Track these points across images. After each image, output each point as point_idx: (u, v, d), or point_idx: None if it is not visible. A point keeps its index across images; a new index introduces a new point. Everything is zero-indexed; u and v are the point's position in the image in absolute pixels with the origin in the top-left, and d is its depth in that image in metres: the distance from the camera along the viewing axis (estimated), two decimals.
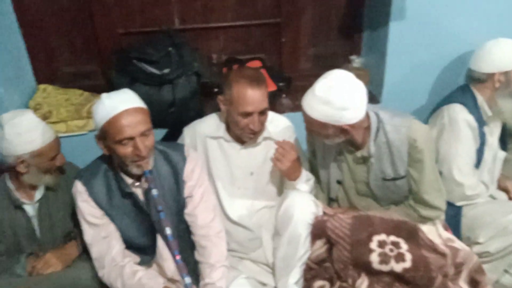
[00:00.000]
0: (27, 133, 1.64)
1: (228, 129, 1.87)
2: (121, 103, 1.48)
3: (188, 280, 1.31)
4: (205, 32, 2.43)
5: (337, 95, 1.53)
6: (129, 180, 1.60)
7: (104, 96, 1.51)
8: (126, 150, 1.48)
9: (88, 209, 1.60)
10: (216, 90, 2.44)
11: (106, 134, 1.47)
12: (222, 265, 1.63)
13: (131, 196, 1.62)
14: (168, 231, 1.42)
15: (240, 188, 1.90)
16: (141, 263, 1.66)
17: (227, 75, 1.92)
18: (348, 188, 1.82)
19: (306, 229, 1.65)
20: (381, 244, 1.54)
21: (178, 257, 1.36)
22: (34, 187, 1.77)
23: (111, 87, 2.33)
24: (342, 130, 1.59)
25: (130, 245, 1.67)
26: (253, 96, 1.67)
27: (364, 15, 2.50)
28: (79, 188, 1.60)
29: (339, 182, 1.83)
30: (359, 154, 1.74)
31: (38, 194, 1.77)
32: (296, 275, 1.68)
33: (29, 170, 1.70)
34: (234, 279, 1.75)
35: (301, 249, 1.66)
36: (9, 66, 2.14)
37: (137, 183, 1.61)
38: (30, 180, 1.73)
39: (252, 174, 1.90)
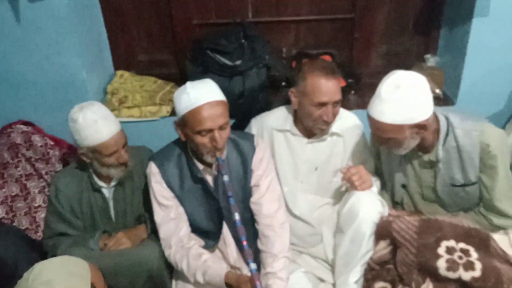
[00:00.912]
0: (84, 129, 1.70)
1: (296, 122, 1.88)
2: (204, 95, 1.52)
3: (253, 266, 1.33)
4: (277, 25, 2.44)
5: (405, 93, 1.49)
6: (200, 166, 1.66)
7: (189, 85, 1.55)
8: (203, 140, 1.53)
9: (160, 190, 1.67)
10: (283, 83, 2.46)
11: (186, 122, 1.53)
12: (284, 256, 1.65)
13: (201, 181, 1.67)
14: (236, 216, 1.45)
15: (303, 182, 1.90)
16: (205, 247, 1.71)
17: (300, 67, 1.93)
18: (413, 193, 1.77)
19: (370, 228, 1.63)
20: (450, 251, 1.48)
21: (245, 243, 1.39)
22: None
23: (184, 76, 2.42)
24: (419, 127, 1.54)
25: (195, 229, 1.73)
26: (328, 86, 1.67)
27: (443, 12, 2.40)
28: (153, 169, 1.68)
29: (403, 186, 1.78)
30: (426, 158, 1.68)
31: (115, 179, 1.86)
32: (357, 274, 1.66)
33: (92, 161, 1.80)
34: (292, 272, 1.77)
35: (364, 248, 1.63)
36: (91, 52, 2.28)
37: (208, 169, 1.67)
38: (97, 170, 1.83)
39: (316, 169, 1.90)
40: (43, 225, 2.10)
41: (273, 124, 1.92)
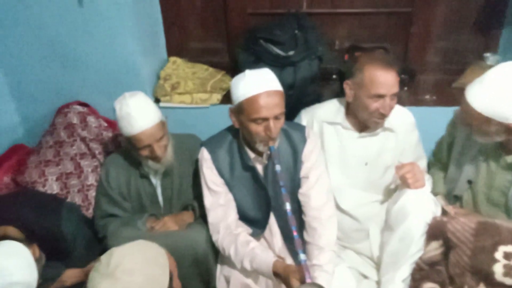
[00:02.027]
0: (119, 120, 1.75)
1: (347, 116, 1.85)
2: (263, 84, 1.52)
3: (303, 256, 1.33)
4: (331, 17, 2.41)
5: (508, 88, 1.42)
6: (251, 154, 1.67)
7: (248, 73, 1.56)
8: (257, 128, 1.53)
9: (210, 176, 1.69)
10: (334, 76, 2.43)
11: (242, 110, 1.54)
12: (331, 249, 1.64)
13: (251, 169, 1.68)
14: (288, 206, 1.45)
15: (352, 177, 1.87)
16: (251, 235, 1.72)
17: (353, 60, 1.90)
18: (478, 191, 1.70)
19: (422, 228, 1.59)
20: (508, 256, 1.43)
21: (295, 233, 1.39)
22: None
23: (235, 64, 2.44)
24: (507, 130, 1.48)
25: (243, 217, 1.74)
26: (386, 78, 1.64)
27: (506, 9, 2.29)
28: (204, 155, 1.70)
29: (469, 182, 1.71)
30: (509, 159, 1.59)
31: (162, 167, 1.88)
32: (405, 273, 1.63)
33: (130, 151, 1.84)
34: (336, 266, 1.75)
35: (413, 247, 1.60)
36: (147, 38, 2.33)
37: (259, 158, 1.67)
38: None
39: (366, 165, 1.87)
40: (94, 203, 2.18)
41: (324, 117, 1.90)
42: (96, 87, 2.34)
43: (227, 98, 2.38)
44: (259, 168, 1.69)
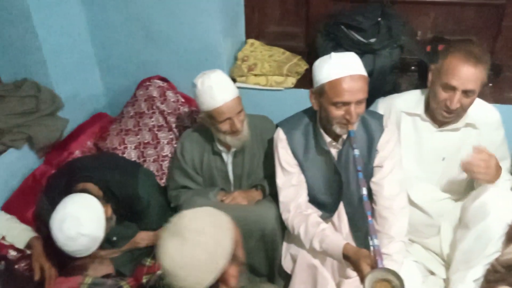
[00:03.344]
0: (201, 94, 1.80)
1: (428, 108, 1.80)
2: (347, 67, 1.52)
3: (377, 241, 1.33)
4: (415, 7, 2.33)
5: None
6: (327, 138, 1.67)
7: (333, 55, 1.55)
8: (338, 112, 1.53)
9: (284, 156, 1.72)
10: (413, 68, 2.36)
11: (324, 92, 1.54)
12: (401, 240, 1.62)
13: (326, 153, 1.69)
14: (364, 191, 1.45)
15: (427, 171, 1.83)
16: (320, 218, 1.73)
17: (435, 51, 1.84)
18: None
19: (502, 229, 1.51)
20: None
21: (370, 218, 1.38)
22: None
23: (312, 50, 2.44)
24: None
25: (312, 200, 1.76)
26: (464, 71, 1.57)
27: None
28: (280, 135, 1.73)
29: None
30: None
31: (240, 142, 1.91)
32: (478, 273, 1.57)
33: (210, 127, 1.89)
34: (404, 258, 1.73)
35: (491, 248, 1.54)
36: (229, 18, 2.38)
37: (334, 143, 1.67)
38: (215, 135, 1.92)
39: (443, 160, 1.81)
40: (167, 174, 2.29)
41: (402, 107, 1.86)
42: (177, 64, 2.43)
43: (301, 82, 2.39)
44: (334, 152, 1.70)
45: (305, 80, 2.39)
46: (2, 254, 1.67)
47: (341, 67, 1.51)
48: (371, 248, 1.35)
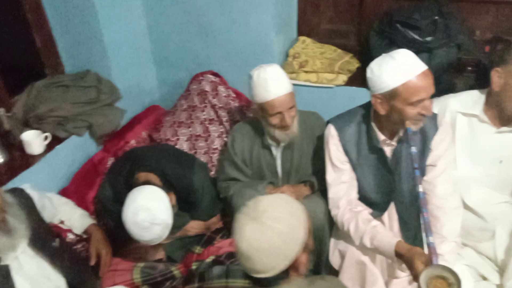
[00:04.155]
0: (256, 86, 1.84)
1: (486, 108, 1.76)
2: (416, 65, 1.50)
3: (432, 239, 1.32)
4: (475, 5, 2.26)
5: None
6: (381, 137, 1.66)
7: (396, 56, 1.51)
8: (414, 111, 1.51)
9: (335, 152, 1.73)
10: (469, 68, 2.30)
11: (397, 95, 1.49)
12: (453, 240, 1.59)
13: (379, 151, 1.68)
14: (420, 188, 1.44)
15: (482, 174, 1.78)
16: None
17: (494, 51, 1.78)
18: None
19: None
20: None
21: (426, 215, 1.37)
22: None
23: (363, 48, 2.42)
24: None
25: (362, 198, 1.76)
26: None
27: None
28: (331, 131, 1.74)
29: None
30: None
31: (288, 137, 1.94)
32: None
33: (261, 119, 1.91)
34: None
35: None
36: (281, 15, 2.40)
37: (388, 141, 1.67)
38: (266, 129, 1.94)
39: (501, 162, 1.77)
40: (216, 166, 2.35)
41: (458, 107, 1.83)
42: (229, 59, 2.48)
43: (352, 80, 2.38)
44: (387, 150, 1.69)
45: (356, 78, 2.38)
46: (57, 232, 1.76)
47: (410, 67, 1.49)
48: (426, 245, 1.34)
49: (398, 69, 1.49)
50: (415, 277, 1.38)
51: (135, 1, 2.42)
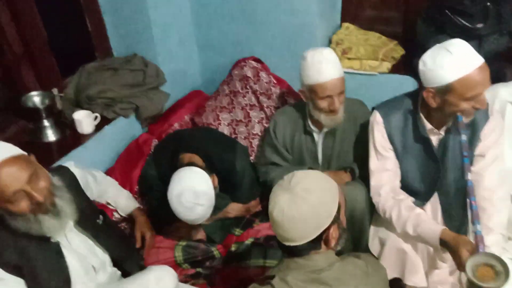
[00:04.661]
0: (309, 67, 1.82)
1: None
2: (473, 59, 1.44)
3: (479, 227, 1.30)
4: None
5: None
6: (428, 126, 1.64)
7: (452, 50, 1.45)
8: (468, 105, 1.47)
9: (380, 139, 1.72)
10: None
11: (452, 90, 1.46)
12: (499, 233, 1.56)
13: (425, 141, 1.66)
14: (469, 176, 1.42)
15: None
16: None
17: None
18: None
19: None
20: None
21: (474, 203, 1.35)
22: None
23: (409, 34, 2.38)
24: None
25: (405, 187, 1.74)
26: None
27: None
28: (377, 118, 1.72)
29: None
30: None
31: (326, 126, 1.96)
32: None
33: (308, 101, 1.91)
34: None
35: None
36: (326, 1, 2.38)
37: (435, 130, 1.64)
38: (311, 113, 1.93)
39: None
40: (256, 151, 2.38)
41: (508, 97, 1.78)
42: (271, 45, 2.49)
43: (396, 67, 2.34)
44: (434, 139, 1.66)
45: (400, 66, 2.35)
46: (101, 209, 1.80)
47: (468, 61, 1.43)
48: (473, 234, 1.32)
49: (454, 63, 1.44)
50: (460, 266, 1.36)
51: None
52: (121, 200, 1.95)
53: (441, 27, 2.10)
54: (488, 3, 2.05)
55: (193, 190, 1.70)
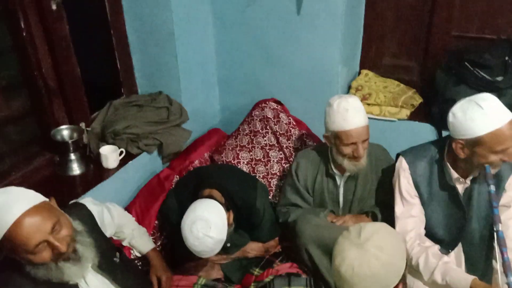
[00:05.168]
0: (334, 114, 1.85)
1: None
2: (503, 113, 1.50)
3: None
4: None
5: None
6: (454, 175, 1.67)
7: (483, 104, 1.51)
8: (497, 157, 1.52)
9: (406, 185, 1.74)
10: None
11: (483, 143, 1.50)
12: None
13: (451, 189, 1.69)
14: (499, 227, 1.43)
15: None
16: None
17: None
18: None
19: None
20: None
21: (506, 255, 1.36)
22: None
23: (427, 83, 2.46)
24: None
25: (429, 234, 1.75)
26: None
27: None
28: (403, 164, 1.76)
29: None
30: None
31: (348, 171, 1.98)
32: None
33: (332, 147, 1.93)
34: None
35: None
36: (348, 47, 2.46)
37: (461, 179, 1.67)
38: (334, 157, 1.96)
39: None
40: (274, 191, 2.40)
41: None
42: (292, 88, 2.55)
43: (414, 115, 2.40)
44: (459, 188, 1.69)
45: (418, 113, 2.40)
46: (117, 246, 1.78)
47: (498, 116, 1.49)
48: (506, 286, 1.33)
49: (485, 117, 1.49)
50: None
51: (208, 30, 2.55)
52: (137, 241, 1.90)
53: (460, 78, 2.18)
54: (507, 58, 2.13)
55: (205, 221, 1.70)
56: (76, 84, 2.09)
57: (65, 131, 2.06)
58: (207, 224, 1.70)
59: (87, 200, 1.63)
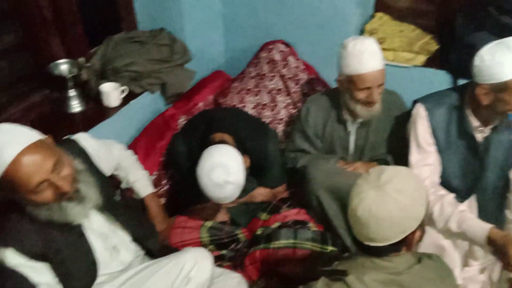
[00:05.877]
0: (349, 57, 1.75)
1: None
2: None
3: None
4: None
5: None
6: (475, 123, 1.61)
7: None
8: None
9: (423, 133, 1.68)
10: None
11: (508, 87, 1.44)
12: None
13: (469, 138, 1.63)
14: None
15: None
16: None
17: None
18: None
19: None
20: None
21: None
22: None
23: (444, 29, 2.33)
24: None
25: (443, 183, 1.71)
26: None
27: None
28: (420, 111, 1.69)
29: None
30: None
31: (369, 114, 1.89)
32: None
33: (345, 91, 1.85)
34: None
35: None
36: None
37: (481, 128, 1.61)
38: (346, 102, 1.88)
39: None
40: (281, 136, 2.33)
41: None
42: (302, 30, 2.42)
43: (430, 62, 2.30)
44: (478, 137, 1.63)
45: (434, 60, 2.30)
46: (117, 184, 1.72)
47: None
48: None
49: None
50: (508, 265, 1.35)
51: None
52: (135, 182, 1.81)
53: (481, 24, 2.06)
54: None
55: (225, 167, 1.64)
56: (74, 17, 1.94)
57: (63, 66, 1.94)
58: (225, 170, 1.64)
59: (80, 136, 1.51)
